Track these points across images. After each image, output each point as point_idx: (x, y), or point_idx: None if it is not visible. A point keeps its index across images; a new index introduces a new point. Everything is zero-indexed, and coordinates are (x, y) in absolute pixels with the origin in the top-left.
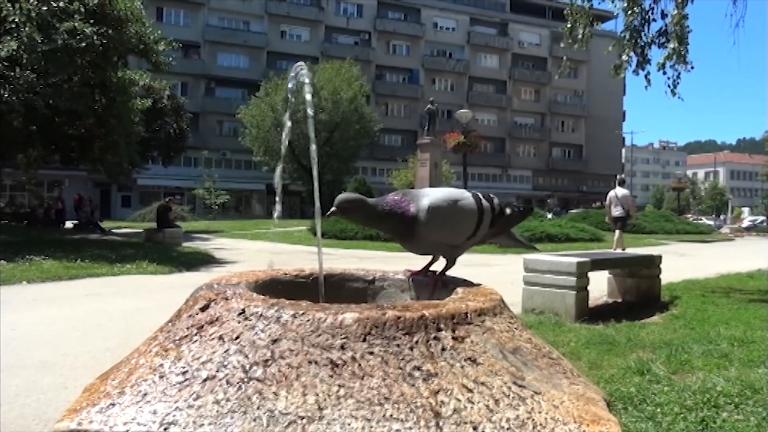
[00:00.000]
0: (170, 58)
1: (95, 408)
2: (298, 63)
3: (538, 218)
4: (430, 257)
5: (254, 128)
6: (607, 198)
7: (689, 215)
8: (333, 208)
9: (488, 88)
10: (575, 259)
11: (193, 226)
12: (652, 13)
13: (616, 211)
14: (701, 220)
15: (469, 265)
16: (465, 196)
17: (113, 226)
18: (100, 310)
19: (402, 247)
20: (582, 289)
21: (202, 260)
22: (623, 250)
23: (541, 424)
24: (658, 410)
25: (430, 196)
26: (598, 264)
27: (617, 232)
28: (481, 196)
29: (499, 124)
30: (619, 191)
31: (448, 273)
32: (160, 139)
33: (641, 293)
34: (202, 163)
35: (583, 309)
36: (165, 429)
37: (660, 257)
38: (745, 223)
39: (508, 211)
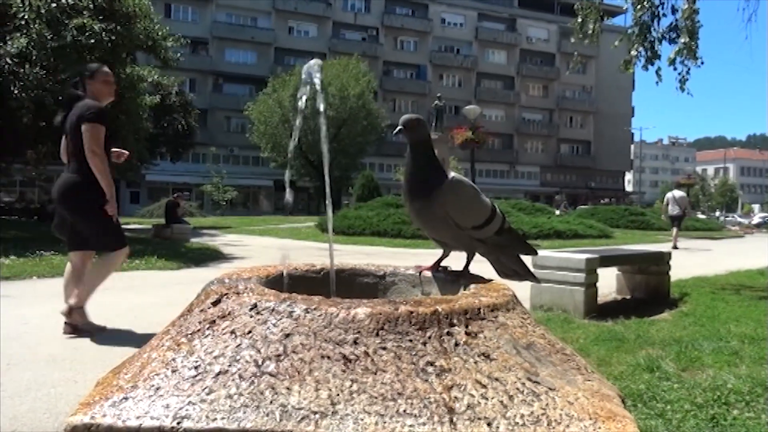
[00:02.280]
0: (178, 55)
1: (108, 402)
2: (313, 61)
3: (546, 215)
4: (437, 256)
5: (262, 124)
6: (665, 198)
7: (699, 212)
8: (399, 127)
9: (496, 84)
10: (584, 256)
11: (201, 222)
12: (663, 8)
13: (673, 211)
14: (734, 217)
15: (477, 261)
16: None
17: (122, 221)
18: (110, 305)
19: (409, 210)
20: (591, 285)
21: (211, 256)
22: (675, 247)
23: (555, 420)
24: (668, 407)
25: (461, 176)
26: (606, 260)
27: (674, 229)
28: (495, 204)
29: (507, 120)
30: (677, 193)
31: (452, 268)
32: (168, 135)
33: (650, 290)
34: (210, 159)
35: (591, 306)
36: (178, 423)
37: (669, 254)
38: (756, 220)
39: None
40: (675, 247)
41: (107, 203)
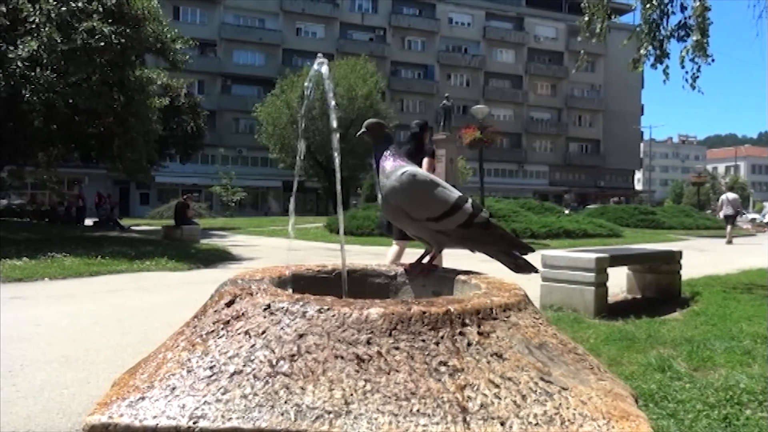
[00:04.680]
0: (187, 57)
1: (125, 402)
2: (319, 60)
3: (555, 214)
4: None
5: (270, 125)
6: (720, 200)
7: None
8: (363, 130)
9: (504, 83)
10: (594, 255)
11: (211, 223)
12: (672, 6)
13: (728, 211)
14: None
15: (485, 260)
16: (449, 186)
17: (132, 223)
18: (121, 306)
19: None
20: (601, 285)
21: (220, 257)
22: (730, 242)
23: (569, 420)
24: (680, 407)
25: (417, 170)
26: (617, 260)
27: (729, 227)
28: (470, 200)
29: (516, 119)
30: (730, 195)
31: (450, 266)
32: (177, 137)
33: (661, 289)
34: (219, 160)
35: (602, 305)
36: (194, 422)
37: (680, 253)
38: (767, 218)
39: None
40: (730, 242)
41: None
